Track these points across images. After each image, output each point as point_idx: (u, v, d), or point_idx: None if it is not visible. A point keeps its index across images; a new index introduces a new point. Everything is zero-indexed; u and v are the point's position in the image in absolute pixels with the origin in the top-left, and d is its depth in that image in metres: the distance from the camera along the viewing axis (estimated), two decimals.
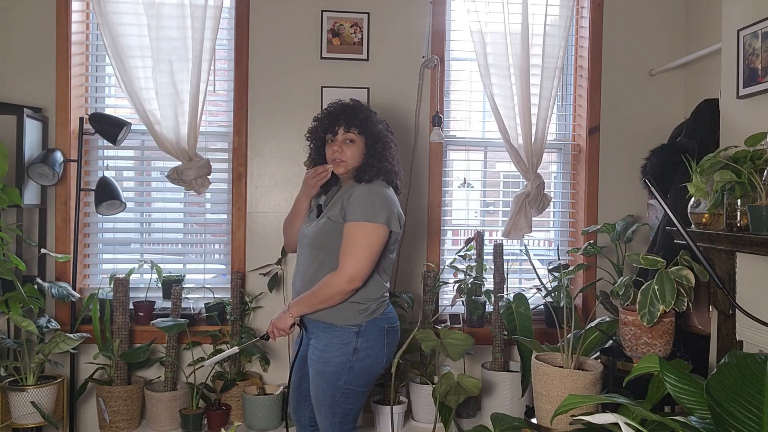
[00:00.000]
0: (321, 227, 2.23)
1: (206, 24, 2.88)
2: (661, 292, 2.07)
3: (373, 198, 2.16)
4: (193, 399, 2.89)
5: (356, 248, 2.11)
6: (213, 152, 3.15)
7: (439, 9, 3.17)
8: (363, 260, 2.11)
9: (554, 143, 3.37)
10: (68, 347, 2.68)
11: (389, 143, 2.30)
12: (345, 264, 2.12)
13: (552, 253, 3.40)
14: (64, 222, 2.99)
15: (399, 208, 2.25)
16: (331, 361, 2.18)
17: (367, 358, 2.19)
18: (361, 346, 2.18)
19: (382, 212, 2.14)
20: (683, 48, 3.28)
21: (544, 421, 2.13)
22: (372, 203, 2.14)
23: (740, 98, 2.37)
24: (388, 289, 2.30)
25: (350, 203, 2.16)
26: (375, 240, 2.13)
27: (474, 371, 3.08)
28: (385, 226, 2.14)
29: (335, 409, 2.20)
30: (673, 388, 1.54)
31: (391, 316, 2.29)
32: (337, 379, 2.17)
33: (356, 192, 2.18)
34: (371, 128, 2.27)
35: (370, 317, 2.20)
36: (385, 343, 2.23)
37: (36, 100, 2.96)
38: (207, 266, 3.24)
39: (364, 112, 2.29)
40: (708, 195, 2.21)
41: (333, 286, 2.13)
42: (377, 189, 2.20)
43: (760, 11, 2.27)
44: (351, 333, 2.18)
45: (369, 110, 2.33)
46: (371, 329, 2.20)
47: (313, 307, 2.18)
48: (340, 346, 2.18)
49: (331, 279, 2.14)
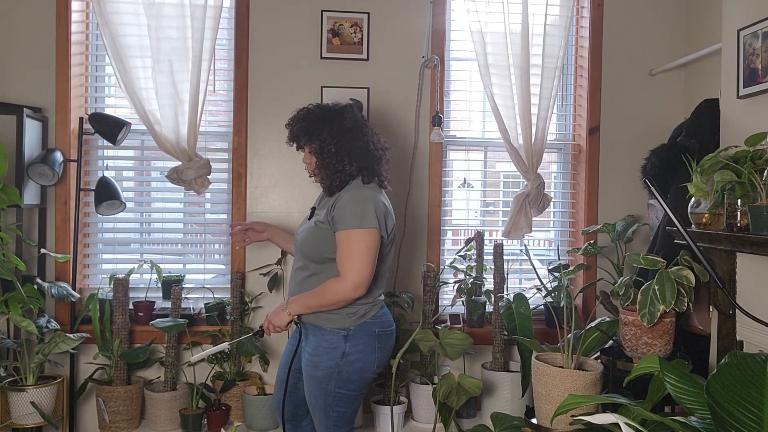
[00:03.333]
0: (308, 232, 2.22)
1: (206, 24, 2.88)
2: (661, 292, 2.07)
3: (360, 203, 2.11)
4: (193, 399, 2.89)
5: (355, 255, 2.08)
6: (213, 152, 3.15)
7: (439, 9, 3.17)
8: (365, 267, 2.08)
9: (554, 143, 3.37)
10: (68, 347, 2.67)
11: (348, 141, 2.16)
12: (348, 271, 2.08)
13: (552, 253, 3.40)
14: (63, 222, 2.99)
15: (388, 209, 2.20)
16: (320, 365, 2.16)
17: (356, 362, 2.16)
18: (349, 351, 2.15)
19: (372, 217, 2.10)
20: (683, 48, 3.28)
21: (544, 421, 2.13)
22: (361, 209, 2.10)
23: (740, 98, 2.37)
24: (381, 293, 2.27)
25: (338, 211, 2.11)
26: (371, 244, 2.10)
27: (474, 371, 3.08)
28: (377, 229, 2.11)
29: (329, 413, 2.19)
30: (673, 388, 1.54)
31: (384, 319, 2.25)
32: (327, 383, 2.15)
33: (342, 199, 2.14)
34: (312, 137, 2.18)
35: (358, 321, 2.17)
36: (376, 347, 2.19)
37: (36, 100, 2.96)
38: (207, 266, 3.24)
39: (300, 123, 2.20)
40: (708, 195, 2.21)
41: (338, 293, 2.09)
42: (362, 193, 2.15)
43: (760, 11, 2.27)
44: (339, 337, 2.15)
45: (310, 116, 2.20)
46: (360, 333, 2.17)
47: (313, 309, 2.16)
48: (329, 351, 2.15)
49: (335, 286, 2.10)
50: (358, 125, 2.21)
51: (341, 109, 2.22)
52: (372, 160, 2.21)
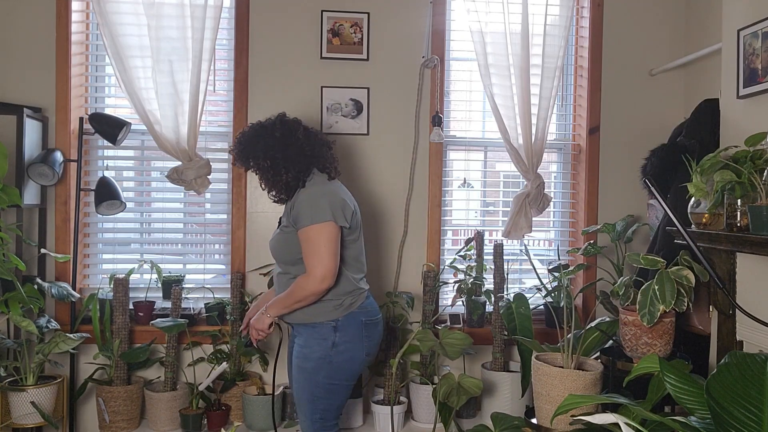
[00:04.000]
0: (278, 238, 2.34)
1: (206, 24, 2.88)
2: (661, 292, 2.07)
3: (314, 200, 2.22)
4: (193, 399, 2.89)
5: (316, 249, 2.17)
6: (213, 152, 3.15)
7: (439, 9, 3.17)
8: (327, 259, 2.17)
9: (554, 143, 3.37)
10: (68, 347, 2.68)
11: (280, 151, 2.26)
12: (313, 267, 2.18)
13: (552, 253, 3.40)
14: (64, 222, 2.99)
15: (344, 199, 2.27)
16: (311, 356, 2.25)
17: (346, 352, 2.25)
18: (339, 341, 2.24)
19: (326, 211, 2.19)
20: (683, 48, 3.28)
21: (544, 421, 2.13)
22: (315, 205, 2.20)
23: (740, 98, 2.37)
24: (362, 281, 2.35)
25: (296, 211, 2.23)
26: (329, 236, 2.18)
27: (474, 371, 3.08)
28: (332, 222, 2.19)
29: (316, 405, 2.26)
30: (673, 388, 1.54)
31: (370, 309, 2.34)
32: (317, 374, 2.24)
33: (298, 199, 2.25)
34: (249, 157, 2.30)
35: (346, 311, 2.26)
36: (363, 336, 2.28)
37: (36, 100, 2.96)
38: (207, 266, 3.24)
39: (237, 148, 2.32)
40: (708, 195, 2.21)
41: (306, 288, 2.19)
42: (315, 189, 2.26)
43: (760, 11, 2.26)
44: (329, 328, 2.25)
45: (244, 138, 2.31)
46: (349, 323, 2.26)
47: (289, 307, 2.25)
48: (320, 341, 2.25)
49: (303, 282, 2.20)
50: (287, 132, 2.29)
51: (270, 123, 2.32)
52: (309, 160, 2.29)
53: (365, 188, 3.16)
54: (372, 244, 3.16)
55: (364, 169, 3.16)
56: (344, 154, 3.12)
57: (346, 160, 3.12)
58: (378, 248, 3.18)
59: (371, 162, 3.16)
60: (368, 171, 3.16)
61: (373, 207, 3.17)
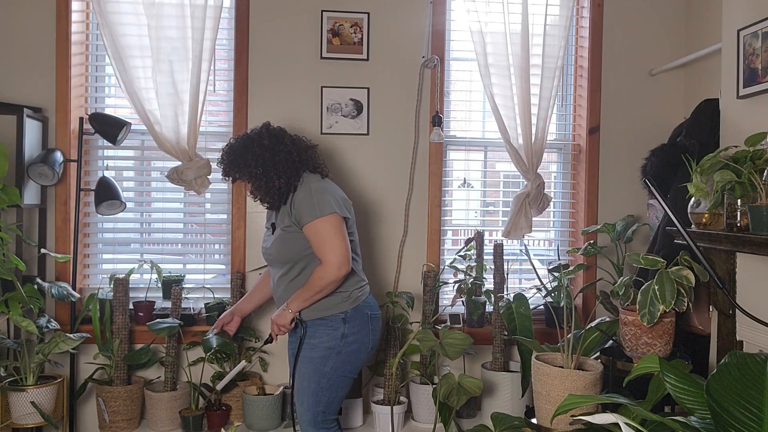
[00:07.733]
0: (280, 239, 2.36)
1: (206, 24, 2.88)
2: (661, 292, 2.07)
3: (315, 195, 2.29)
4: (193, 399, 2.89)
5: (327, 239, 2.24)
6: (213, 152, 3.14)
7: (439, 9, 3.17)
8: (340, 247, 2.24)
9: (554, 143, 3.37)
10: (68, 347, 2.68)
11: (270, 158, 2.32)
12: (327, 256, 2.24)
13: (552, 253, 3.40)
14: (64, 222, 2.99)
15: (340, 194, 2.38)
16: (319, 346, 2.30)
17: (354, 344, 2.32)
18: (348, 332, 2.31)
19: (330, 203, 2.28)
20: (683, 48, 3.28)
21: (544, 421, 2.13)
22: (318, 199, 2.27)
23: (740, 98, 2.37)
24: (362, 273, 2.43)
25: (297, 210, 2.29)
26: (337, 226, 2.26)
27: (474, 371, 3.08)
28: (337, 213, 2.28)
29: (320, 397, 2.30)
30: (673, 388, 1.54)
31: (372, 304, 2.44)
32: (325, 364, 2.29)
33: (297, 198, 2.31)
34: (240, 168, 2.35)
35: (354, 304, 2.34)
36: (369, 329, 2.37)
37: (36, 100, 2.96)
38: (207, 266, 3.24)
39: (226, 159, 2.38)
40: (708, 195, 2.21)
41: (325, 278, 2.24)
42: (313, 186, 2.33)
43: (760, 11, 2.27)
44: (338, 320, 2.32)
45: (233, 150, 2.37)
46: (356, 315, 2.34)
47: (310, 299, 2.30)
48: (329, 332, 2.31)
49: (321, 272, 2.25)
50: (274, 140, 2.37)
51: (257, 133, 2.39)
52: (298, 165, 2.36)
53: (365, 188, 3.16)
54: (372, 244, 3.16)
55: (364, 169, 3.16)
56: (344, 154, 3.12)
57: (346, 160, 3.13)
58: (378, 248, 3.18)
59: (371, 162, 3.16)
60: (368, 171, 3.16)
61: (373, 207, 3.17)
